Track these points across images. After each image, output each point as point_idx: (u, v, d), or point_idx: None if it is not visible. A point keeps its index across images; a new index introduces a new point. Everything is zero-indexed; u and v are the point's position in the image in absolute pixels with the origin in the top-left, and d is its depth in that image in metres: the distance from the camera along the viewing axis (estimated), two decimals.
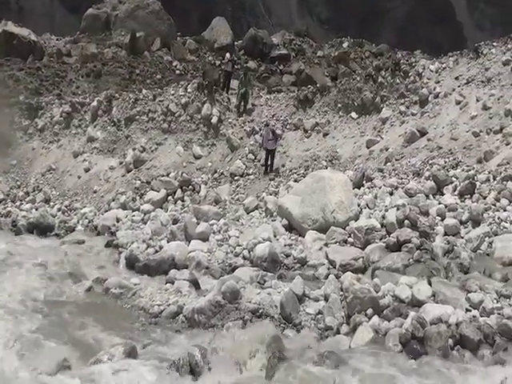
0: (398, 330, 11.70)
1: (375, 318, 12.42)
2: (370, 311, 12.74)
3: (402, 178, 20.16)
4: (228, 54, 30.63)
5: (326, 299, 13.68)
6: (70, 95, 31.48)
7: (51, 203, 25.76)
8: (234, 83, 28.98)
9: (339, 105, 26.21)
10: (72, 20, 53.75)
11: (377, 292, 13.27)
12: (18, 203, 26.19)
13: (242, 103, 27.60)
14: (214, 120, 26.85)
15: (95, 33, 40.05)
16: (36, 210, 25.11)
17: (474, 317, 11.97)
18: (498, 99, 21.77)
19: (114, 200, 24.49)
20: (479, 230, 16.32)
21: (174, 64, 36.70)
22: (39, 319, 13.96)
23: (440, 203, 18.01)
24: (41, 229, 23.31)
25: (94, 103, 28.85)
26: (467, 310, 12.27)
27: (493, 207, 17.25)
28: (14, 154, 29.24)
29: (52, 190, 26.66)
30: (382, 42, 43.30)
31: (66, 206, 25.16)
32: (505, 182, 17.89)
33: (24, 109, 30.39)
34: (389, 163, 21.95)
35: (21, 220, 24.12)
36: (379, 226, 17.40)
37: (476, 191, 18.05)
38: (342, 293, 13.48)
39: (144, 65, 35.74)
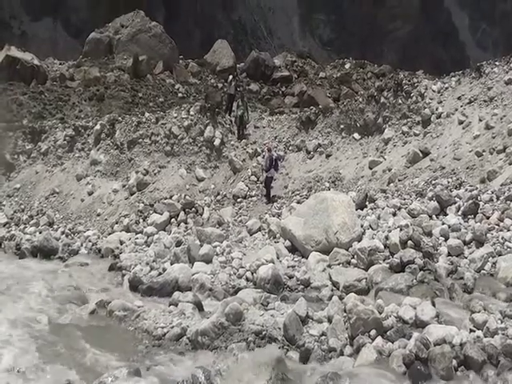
0: (402, 351, 11.67)
1: (379, 339, 12.39)
2: (373, 332, 12.70)
3: (404, 199, 20.12)
4: (231, 77, 30.76)
5: (330, 321, 13.64)
6: (73, 119, 31.61)
7: (55, 226, 25.75)
8: (235, 105, 29.13)
9: (342, 126, 26.28)
10: (75, 44, 54.17)
11: (380, 313, 13.25)
12: (21, 226, 26.17)
13: (241, 127, 27.71)
14: (217, 142, 26.97)
15: (98, 57, 40.26)
16: (40, 233, 25.07)
17: (478, 337, 11.93)
18: (501, 118, 21.78)
19: (117, 223, 24.52)
20: (483, 251, 16.25)
21: (177, 87, 36.91)
22: (43, 342, 14.02)
23: (443, 223, 17.96)
24: (44, 252, 23.27)
25: (97, 127, 28.94)
26: (471, 331, 12.22)
27: (496, 227, 17.18)
28: (18, 178, 29.32)
29: (56, 213, 26.66)
30: (384, 63, 43.55)
31: (70, 229, 25.15)
32: (508, 202, 17.82)
33: (27, 133, 30.49)
34: (392, 184, 21.97)
35: (25, 243, 24.10)
36: (382, 246, 17.36)
37: (479, 211, 17.97)
38: (345, 314, 13.42)
39: (147, 88, 35.95)
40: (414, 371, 11.22)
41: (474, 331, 12.19)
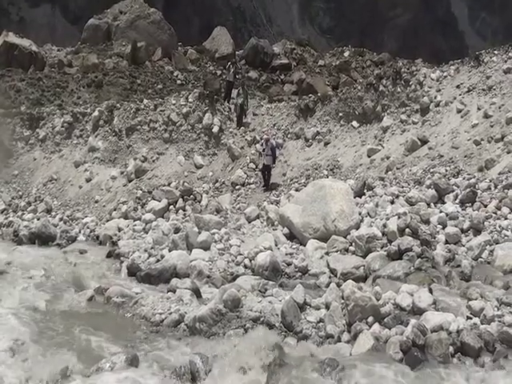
0: (399, 338, 11.70)
1: (376, 326, 12.43)
2: (370, 319, 12.75)
3: (403, 187, 20.15)
4: (229, 64, 30.66)
5: (327, 307, 13.69)
6: (71, 105, 31.55)
7: (53, 213, 25.78)
8: (236, 93, 29.03)
9: (340, 114, 26.23)
10: (73, 30, 53.90)
11: (378, 300, 13.31)
12: (19, 213, 26.19)
13: (241, 115, 27.66)
14: (215, 129, 26.94)
15: (96, 43, 40.12)
16: (38, 219, 25.09)
17: (474, 324, 11.99)
18: (499, 107, 21.77)
19: (115, 210, 24.54)
20: (480, 239, 16.32)
21: (175, 74, 36.80)
22: (41, 329, 13.99)
23: (441, 211, 17.99)
24: (42, 239, 23.26)
25: (95, 113, 28.90)
26: (468, 318, 12.28)
27: (494, 215, 17.25)
28: (16, 165, 29.31)
29: (54, 199, 26.69)
30: (383, 51, 43.43)
31: (68, 216, 25.18)
32: (506, 191, 17.87)
33: (25, 119, 30.46)
34: (390, 172, 21.98)
35: (22, 230, 24.09)
36: (380, 234, 17.41)
37: (477, 199, 18.02)
38: (343, 301, 13.47)
39: (145, 75, 35.84)
40: (410, 357, 11.25)
41: (471, 318, 12.25)
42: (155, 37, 39.75)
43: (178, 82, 35.98)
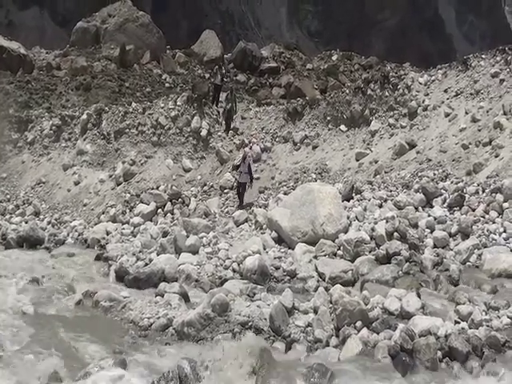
0: (387, 342, 11.75)
1: (364, 331, 12.47)
2: (359, 323, 12.79)
3: (391, 191, 20.25)
4: (216, 67, 30.60)
5: (316, 312, 13.73)
6: (59, 108, 31.38)
7: (41, 216, 25.60)
8: (224, 96, 29.00)
9: (328, 118, 26.29)
10: (62, 33, 53.57)
11: (366, 304, 13.35)
12: (7, 216, 25.98)
13: (228, 120, 27.58)
14: (204, 133, 26.90)
15: (85, 46, 39.91)
16: (26, 223, 24.92)
17: (462, 329, 12.03)
18: (487, 111, 21.92)
19: (103, 213, 24.44)
20: (468, 243, 16.45)
21: (164, 77, 36.66)
22: (29, 333, 13.96)
23: (429, 215, 18.12)
24: (30, 242, 23.11)
25: (84, 116, 28.81)
26: (456, 322, 12.33)
27: (482, 219, 17.39)
28: (4, 168, 29.08)
29: (42, 203, 26.53)
30: (371, 54, 43.38)
31: (56, 219, 25.04)
32: (494, 194, 18.00)
33: (13, 122, 30.25)
34: (378, 176, 22.07)
35: (10, 233, 23.88)
36: (368, 238, 17.50)
37: (465, 203, 18.15)
38: (331, 305, 13.52)
39: (134, 78, 35.67)
40: (398, 362, 11.28)
41: (459, 323, 12.30)
42: (144, 40, 39.60)
43: (167, 85, 35.82)
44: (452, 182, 19.44)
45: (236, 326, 13.49)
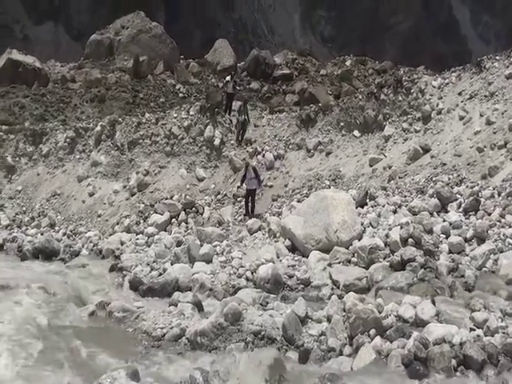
0: (401, 351, 11.59)
1: (377, 339, 12.31)
2: (372, 332, 12.63)
3: (405, 196, 20.04)
4: (228, 77, 30.50)
5: (329, 320, 13.60)
6: (74, 120, 31.61)
7: (56, 228, 25.77)
8: (237, 106, 28.90)
9: (342, 123, 26.15)
10: (76, 46, 54.16)
11: (380, 312, 13.20)
12: (23, 228, 26.22)
13: (241, 132, 27.45)
14: (217, 142, 26.88)
15: (99, 58, 40.31)
16: (41, 234, 25.11)
17: (478, 336, 11.82)
18: (502, 114, 21.64)
19: (118, 223, 24.51)
20: (484, 248, 16.16)
21: (178, 87, 36.84)
22: (43, 344, 14.11)
23: (444, 221, 17.85)
24: (46, 253, 23.28)
25: (98, 128, 28.93)
26: (471, 330, 12.13)
27: (498, 224, 17.07)
28: (19, 180, 29.33)
29: (57, 214, 26.68)
30: (385, 58, 43.31)
31: (71, 231, 25.16)
32: (510, 198, 17.73)
33: (28, 135, 30.50)
34: (392, 181, 21.87)
35: (26, 245, 24.12)
36: (383, 244, 17.31)
37: (481, 208, 17.87)
38: (344, 313, 13.37)
39: (147, 88, 35.88)
40: (412, 371, 11.14)
41: (475, 330, 12.10)
42: (157, 50, 39.89)
43: (181, 95, 35.99)
44: (467, 186, 19.17)
45: (249, 336, 13.41)
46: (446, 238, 17.11)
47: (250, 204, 23.16)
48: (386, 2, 71.11)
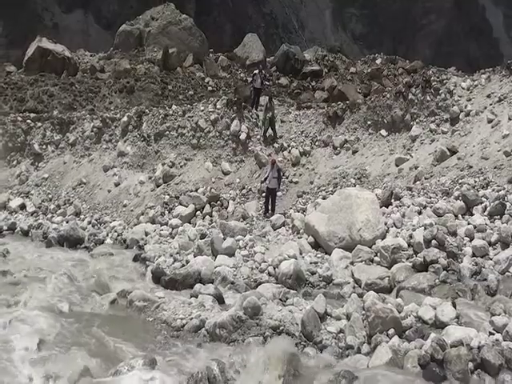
0: (417, 352, 11.53)
1: (395, 339, 12.26)
2: (391, 331, 12.61)
3: (430, 197, 19.90)
4: (256, 71, 30.43)
5: (348, 318, 13.59)
6: (102, 110, 31.89)
7: (81, 216, 26.08)
8: (265, 100, 28.84)
9: (369, 122, 26.03)
10: (106, 36, 54.50)
11: (399, 312, 13.16)
12: (49, 216, 26.58)
13: (270, 129, 27.17)
14: (243, 136, 26.91)
15: (128, 49, 40.59)
16: (66, 222, 25.43)
17: (496, 340, 11.70)
18: None
19: (142, 214, 24.72)
20: (508, 252, 15.93)
21: (206, 80, 36.99)
22: (63, 330, 14.15)
23: (469, 223, 17.67)
24: (71, 241, 23.59)
25: (125, 118, 29.14)
26: (490, 334, 12.01)
27: None
28: (46, 168, 29.70)
29: (82, 203, 26.99)
30: (416, 58, 43.06)
31: (96, 220, 25.44)
32: None
33: (56, 123, 30.84)
34: (418, 182, 21.71)
35: (51, 232, 24.43)
36: (406, 245, 17.24)
37: (506, 212, 17.63)
38: (364, 312, 13.36)
39: (176, 81, 36.08)
40: (428, 372, 11.08)
41: (494, 334, 11.98)
42: (186, 43, 40.05)
43: (209, 88, 36.15)
44: (493, 190, 18.92)
45: (267, 330, 13.45)
46: (470, 240, 16.93)
47: (269, 204, 23.05)
48: (419, 1, 70.56)
